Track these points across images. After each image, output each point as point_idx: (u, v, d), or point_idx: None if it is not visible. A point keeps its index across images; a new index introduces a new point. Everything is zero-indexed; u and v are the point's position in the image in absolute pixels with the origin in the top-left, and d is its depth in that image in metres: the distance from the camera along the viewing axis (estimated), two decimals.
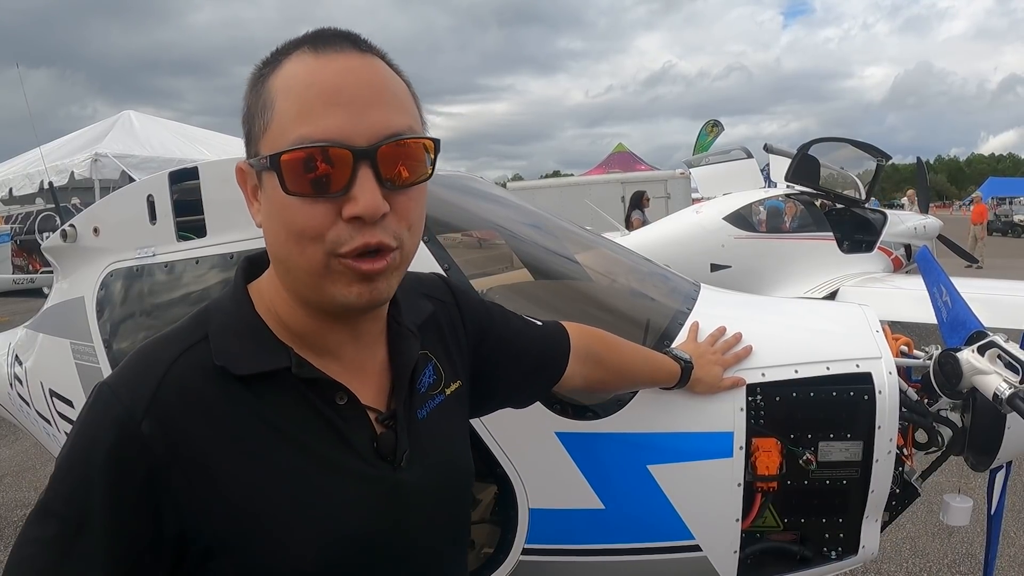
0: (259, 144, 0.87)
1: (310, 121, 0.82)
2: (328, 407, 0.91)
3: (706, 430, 1.71)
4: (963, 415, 1.78)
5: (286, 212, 0.84)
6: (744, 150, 10.14)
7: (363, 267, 0.85)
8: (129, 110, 13.85)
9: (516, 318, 1.32)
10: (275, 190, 0.84)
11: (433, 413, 1.04)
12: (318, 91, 0.82)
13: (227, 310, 0.94)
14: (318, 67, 0.84)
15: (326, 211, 0.83)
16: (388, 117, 0.84)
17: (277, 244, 0.88)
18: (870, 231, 8.18)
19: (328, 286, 0.86)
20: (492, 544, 1.82)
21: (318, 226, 0.83)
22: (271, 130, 0.85)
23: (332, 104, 0.82)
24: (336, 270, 0.85)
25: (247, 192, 0.93)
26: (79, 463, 0.83)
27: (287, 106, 0.83)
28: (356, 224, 0.83)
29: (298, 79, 0.84)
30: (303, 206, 0.83)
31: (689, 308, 2.02)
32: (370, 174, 0.82)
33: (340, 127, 0.82)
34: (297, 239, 0.84)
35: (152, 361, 0.88)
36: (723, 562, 1.75)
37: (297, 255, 0.85)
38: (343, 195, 0.82)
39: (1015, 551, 3.78)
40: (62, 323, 2.64)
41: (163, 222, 2.13)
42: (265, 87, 0.86)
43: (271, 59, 0.89)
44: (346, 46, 0.86)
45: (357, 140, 0.82)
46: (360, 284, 0.86)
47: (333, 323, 0.93)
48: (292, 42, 0.88)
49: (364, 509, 0.91)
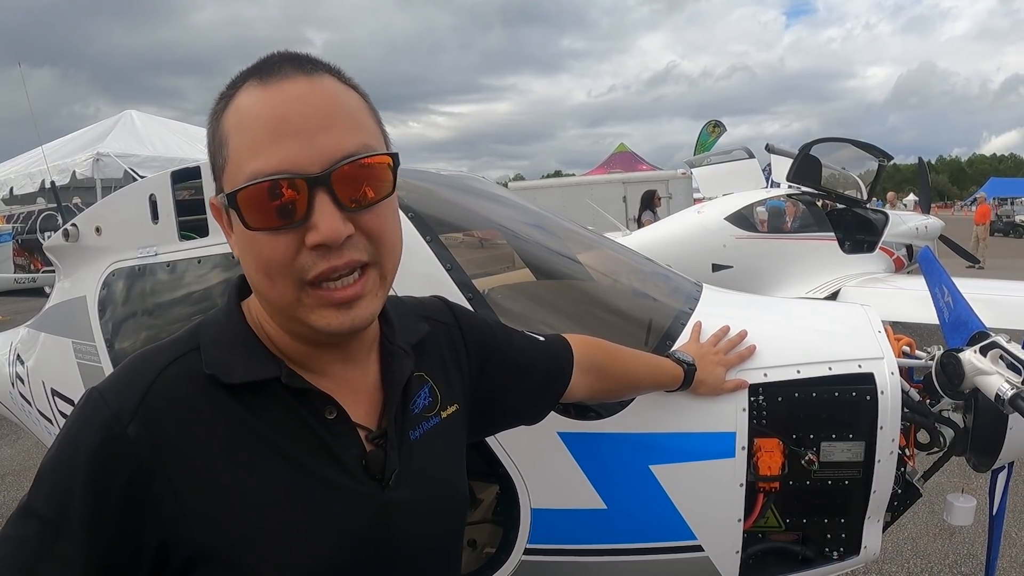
0: (221, 181, 0.87)
1: (260, 154, 0.81)
2: (317, 421, 0.90)
3: (708, 430, 1.71)
4: (965, 416, 1.78)
5: (253, 247, 0.84)
6: (746, 150, 10.14)
7: (337, 295, 0.85)
8: (131, 110, 13.85)
9: (519, 335, 1.32)
10: (239, 226, 0.84)
11: (427, 435, 1.03)
12: (265, 123, 0.82)
13: (219, 323, 0.94)
14: (265, 98, 0.83)
15: (288, 242, 0.83)
16: (339, 139, 0.83)
17: (251, 277, 0.89)
18: (872, 231, 8.17)
19: (306, 316, 0.86)
20: (494, 544, 1.82)
21: (283, 258, 0.83)
22: (228, 167, 0.85)
23: (280, 135, 0.81)
24: (308, 302, 0.85)
25: (223, 225, 0.92)
26: (63, 464, 0.83)
27: (239, 142, 0.84)
28: (320, 251, 0.83)
29: (246, 113, 0.84)
30: (267, 239, 0.83)
31: (691, 308, 2.01)
32: (327, 199, 0.82)
33: (291, 157, 0.81)
34: (266, 272, 0.85)
35: (142, 368, 0.88)
36: (725, 562, 1.75)
37: (269, 288, 0.86)
38: (304, 224, 0.82)
39: (1016, 551, 3.78)
40: (64, 322, 2.64)
41: (165, 221, 2.13)
42: (219, 124, 0.87)
43: (224, 94, 0.88)
44: (290, 71, 0.84)
45: (310, 167, 0.81)
46: (338, 311, 0.86)
47: (320, 346, 0.93)
48: (242, 74, 0.88)
49: (350, 526, 0.90)
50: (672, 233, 7.96)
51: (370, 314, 0.89)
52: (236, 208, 0.82)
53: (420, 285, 1.72)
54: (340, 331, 0.87)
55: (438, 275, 1.75)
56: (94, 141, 12.37)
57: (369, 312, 0.88)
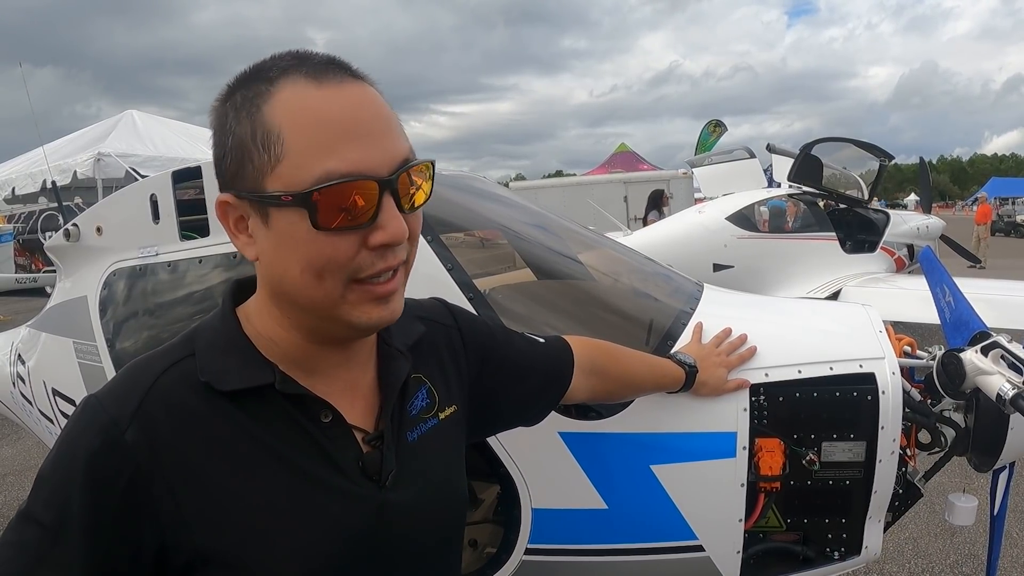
0: (265, 179, 0.83)
1: (333, 155, 0.81)
2: (313, 425, 0.91)
3: (709, 430, 1.71)
4: (966, 416, 1.78)
5: (310, 247, 0.83)
6: (747, 150, 10.13)
7: (379, 289, 0.87)
8: (132, 110, 13.84)
9: (519, 337, 1.33)
10: (294, 225, 0.82)
11: (425, 436, 1.03)
12: (336, 124, 0.82)
13: (214, 329, 0.94)
14: (326, 98, 0.83)
15: (352, 241, 0.84)
16: (397, 144, 0.86)
17: (287, 278, 0.87)
18: (873, 231, 8.16)
19: (345, 313, 0.87)
20: (495, 544, 1.82)
21: (344, 257, 0.84)
22: (284, 165, 0.82)
23: (353, 137, 0.82)
24: (352, 298, 0.86)
25: (229, 226, 0.90)
26: (61, 469, 0.83)
27: (302, 140, 0.81)
28: (380, 251, 0.85)
29: (306, 110, 0.82)
30: (329, 239, 0.83)
31: (692, 308, 2.01)
32: (391, 202, 0.84)
33: (364, 159, 0.82)
34: (319, 272, 0.84)
35: (139, 375, 0.89)
36: (726, 562, 1.75)
37: (313, 288, 0.85)
38: (370, 225, 0.83)
39: (1018, 551, 3.78)
40: (65, 322, 2.64)
41: (166, 221, 2.13)
42: (260, 118, 0.83)
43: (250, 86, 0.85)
44: (345, 76, 0.86)
45: (380, 170, 0.83)
46: (379, 306, 0.88)
47: (329, 347, 0.94)
48: (270, 67, 0.85)
49: (348, 527, 0.90)
50: (673, 233, 7.95)
51: (400, 308, 0.92)
52: (309, 207, 0.81)
53: (421, 285, 1.72)
54: (380, 325, 0.90)
55: (439, 275, 1.75)
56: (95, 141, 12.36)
57: (401, 306, 0.92)
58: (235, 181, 0.86)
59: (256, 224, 0.87)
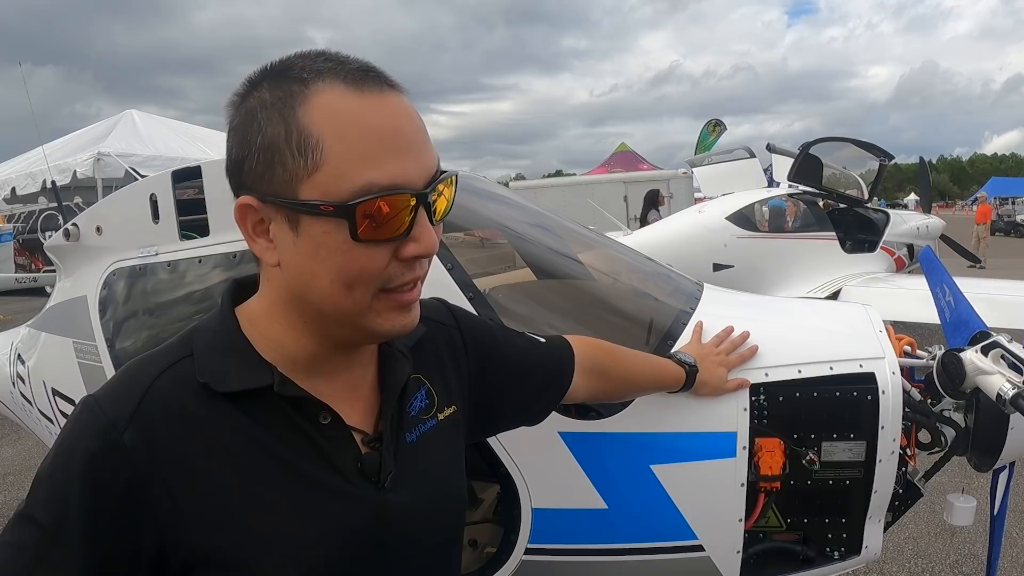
0: (296, 185, 0.81)
1: (376, 166, 0.80)
2: (311, 426, 0.90)
3: (709, 430, 1.71)
4: (966, 415, 1.78)
5: (345, 256, 0.82)
6: (747, 149, 10.13)
7: (405, 298, 0.88)
8: (132, 109, 13.83)
9: (519, 337, 1.33)
10: (329, 235, 0.81)
11: (424, 437, 1.03)
12: (378, 135, 0.81)
13: (212, 330, 0.94)
14: (368, 107, 0.82)
15: (386, 252, 0.84)
16: (432, 157, 0.87)
17: (315, 286, 0.85)
18: (873, 231, 8.16)
19: (370, 321, 0.88)
20: (495, 544, 1.82)
21: (377, 267, 0.84)
22: (323, 173, 0.80)
23: (395, 149, 0.82)
24: (378, 307, 0.87)
25: (247, 229, 0.87)
26: (60, 471, 0.83)
27: (343, 149, 0.80)
28: (410, 262, 0.86)
29: (350, 120, 0.81)
30: (367, 250, 0.82)
31: (692, 308, 2.01)
32: (424, 214, 0.85)
33: (405, 172, 0.82)
34: (349, 282, 0.84)
35: (137, 376, 0.89)
36: (726, 562, 1.75)
37: (342, 297, 0.85)
38: (405, 237, 0.84)
39: (1017, 551, 3.78)
40: (65, 322, 2.64)
41: (166, 221, 2.13)
42: (295, 121, 0.80)
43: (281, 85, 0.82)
44: (383, 85, 0.85)
45: (417, 183, 0.83)
46: (403, 314, 0.89)
47: (339, 351, 0.94)
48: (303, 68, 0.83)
49: (347, 528, 0.90)
50: (673, 232, 7.95)
51: (419, 314, 0.94)
52: (349, 218, 0.80)
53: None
54: (402, 332, 0.91)
55: (439, 275, 1.74)
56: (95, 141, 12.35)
57: (419, 313, 0.93)
58: (260, 184, 0.83)
59: (281, 230, 0.84)
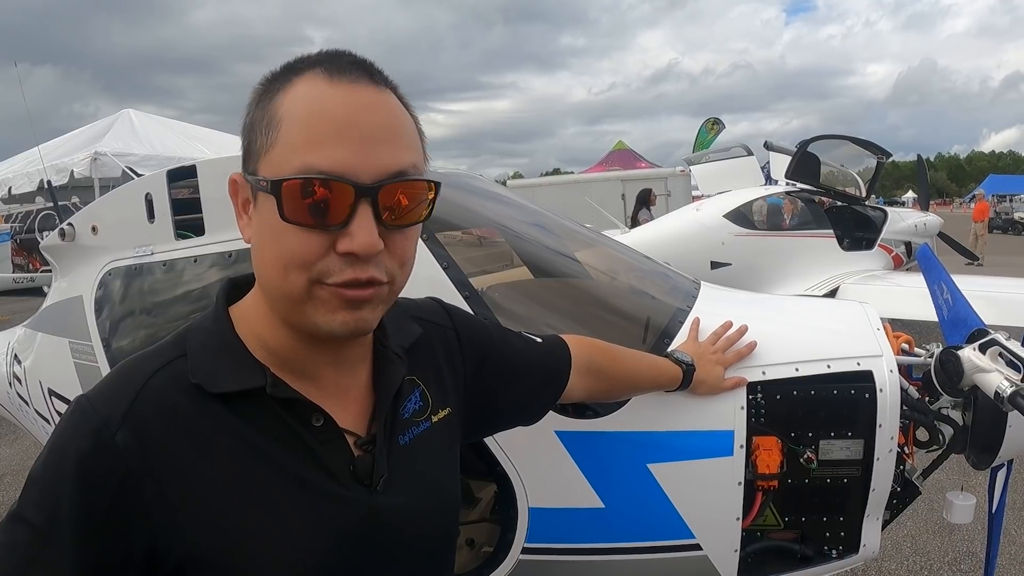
0: (259, 162, 0.85)
1: (317, 150, 0.81)
2: (304, 428, 0.90)
3: (706, 428, 1.71)
4: (964, 413, 1.78)
5: (278, 237, 0.83)
6: (744, 148, 10.13)
7: (348, 293, 0.84)
8: (128, 109, 13.81)
9: (515, 337, 1.32)
10: (271, 213, 0.83)
11: (417, 440, 1.02)
12: (330, 120, 0.81)
13: (206, 329, 0.93)
14: (331, 94, 0.82)
15: (320, 242, 0.82)
16: (395, 156, 0.84)
17: (262, 265, 0.88)
18: (870, 228, 8.17)
19: (310, 312, 0.85)
20: (492, 543, 1.82)
21: (308, 255, 0.82)
22: (274, 151, 0.83)
23: (342, 137, 0.81)
24: (319, 296, 0.84)
25: (237, 204, 0.92)
26: (52, 471, 0.83)
27: (294, 130, 0.82)
28: (348, 258, 0.82)
29: (309, 103, 0.82)
30: (297, 233, 0.82)
31: (689, 306, 2.01)
32: (369, 212, 0.82)
33: (347, 161, 0.81)
34: (284, 264, 0.84)
35: (130, 375, 0.88)
36: (724, 561, 1.75)
37: (279, 279, 0.85)
38: (340, 229, 0.82)
39: (1016, 549, 3.78)
40: (61, 322, 2.63)
41: (161, 220, 2.12)
42: (272, 104, 0.85)
43: (281, 74, 0.87)
44: (362, 77, 0.84)
45: (362, 176, 0.81)
46: (345, 311, 0.85)
47: (315, 346, 0.92)
48: (304, 60, 0.87)
49: (339, 531, 0.89)
50: (670, 231, 7.96)
51: (373, 321, 0.89)
52: (278, 195, 0.81)
53: (416, 283, 1.71)
54: (343, 333, 0.87)
55: (435, 274, 1.74)
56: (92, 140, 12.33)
57: (373, 318, 0.89)
58: (245, 162, 0.89)
59: (254, 207, 0.88)
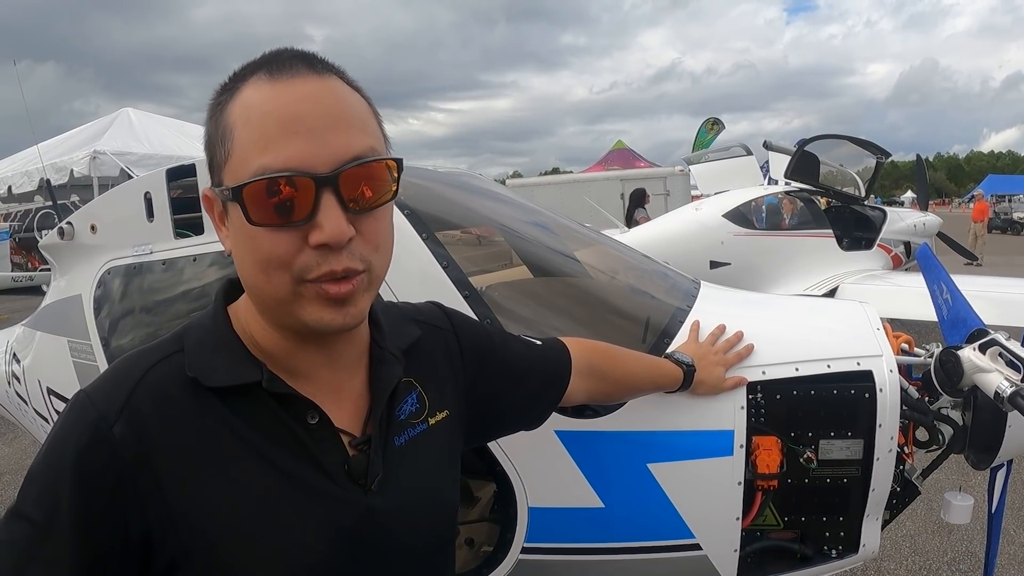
0: (222, 173, 0.86)
1: (270, 150, 0.81)
2: (299, 426, 0.90)
3: (706, 428, 1.70)
4: (964, 413, 1.78)
5: (252, 242, 0.84)
6: (744, 147, 10.13)
7: (330, 291, 0.84)
8: (128, 107, 13.82)
9: (516, 340, 1.31)
10: (240, 220, 0.83)
11: (413, 441, 1.01)
12: (276, 119, 0.81)
13: (204, 327, 0.94)
14: (275, 94, 0.83)
15: (292, 239, 0.82)
16: (349, 140, 0.83)
17: (245, 271, 0.88)
18: (870, 228, 8.17)
19: (298, 311, 0.85)
20: (491, 543, 1.81)
21: (284, 254, 0.82)
22: (232, 160, 0.84)
23: (291, 132, 0.81)
24: (305, 295, 0.84)
25: (214, 218, 0.92)
26: (51, 467, 0.83)
27: (246, 135, 0.83)
28: (323, 251, 0.82)
29: (256, 107, 0.83)
30: (269, 235, 0.82)
31: (689, 306, 2.01)
32: (333, 200, 0.82)
33: (301, 155, 0.81)
34: (264, 267, 0.84)
35: (127, 370, 0.89)
36: (723, 561, 1.75)
37: (264, 282, 0.85)
38: (308, 222, 0.82)
39: (1015, 549, 3.78)
40: (60, 321, 2.63)
41: (160, 219, 2.12)
42: (224, 115, 0.85)
43: (228, 85, 0.88)
44: (302, 69, 0.84)
45: (319, 167, 0.81)
46: (331, 308, 0.85)
47: (307, 345, 0.92)
48: (248, 66, 0.87)
49: (333, 530, 0.89)
50: (670, 230, 7.95)
51: (361, 312, 0.89)
52: (240, 202, 0.81)
53: (416, 283, 1.71)
54: (331, 328, 0.87)
55: (434, 273, 1.74)
56: (91, 139, 12.33)
57: (360, 310, 0.88)
58: (211, 176, 0.90)
59: (227, 218, 0.89)
